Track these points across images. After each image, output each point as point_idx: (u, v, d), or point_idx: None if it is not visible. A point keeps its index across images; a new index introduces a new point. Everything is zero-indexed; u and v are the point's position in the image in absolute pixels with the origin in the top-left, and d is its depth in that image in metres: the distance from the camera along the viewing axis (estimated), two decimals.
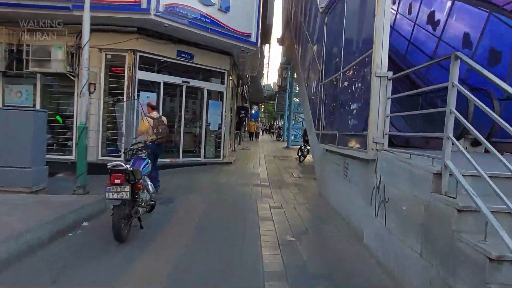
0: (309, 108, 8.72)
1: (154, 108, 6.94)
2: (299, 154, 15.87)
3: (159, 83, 9.92)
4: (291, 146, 21.10)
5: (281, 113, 38.83)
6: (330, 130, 5.87)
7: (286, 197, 6.97)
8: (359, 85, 4.19)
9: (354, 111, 4.37)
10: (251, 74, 17.10)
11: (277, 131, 31.98)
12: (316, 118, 7.12)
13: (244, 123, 25.14)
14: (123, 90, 9.37)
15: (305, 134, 15.74)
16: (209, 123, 11.31)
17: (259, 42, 11.38)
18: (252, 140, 26.56)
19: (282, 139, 29.96)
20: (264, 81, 40.12)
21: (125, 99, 9.18)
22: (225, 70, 11.63)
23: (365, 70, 4.01)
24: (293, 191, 7.65)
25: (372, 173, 3.95)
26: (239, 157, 13.92)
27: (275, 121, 55.25)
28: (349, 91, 4.67)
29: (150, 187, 5.01)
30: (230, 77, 12.82)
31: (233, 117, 16.36)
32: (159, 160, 10.32)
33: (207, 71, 11.18)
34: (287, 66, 27.95)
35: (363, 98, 4.05)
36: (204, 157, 11.32)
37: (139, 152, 4.88)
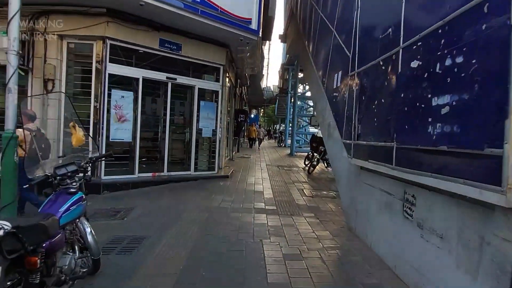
0: (328, 109, 6.77)
1: (32, 118, 5.18)
2: (306, 163, 13.93)
3: (137, 79, 7.96)
4: (295, 153, 19.11)
5: (281, 117, 36.93)
6: (373, 139, 3.90)
7: (303, 233, 4.98)
8: (467, 59, 2.22)
9: (447, 109, 2.39)
10: (251, 73, 15.18)
11: (278, 136, 29.99)
12: (342, 122, 5.15)
13: (244, 128, 23.14)
14: (91, 88, 7.41)
15: (313, 140, 13.82)
16: (201, 129, 9.33)
17: (260, 31, 9.45)
18: (252, 147, 23.37)
19: (284, 145, 28.00)
20: (264, 83, 38.33)
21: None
22: (220, 65, 9.68)
23: (483, 26, 2.06)
24: (310, 221, 5.67)
25: (502, 231, 1.99)
26: (238, 168, 11.92)
27: (275, 125, 53.18)
28: (427, 75, 2.70)
29: (89, 238, 3.02)
30: (227, 75, 10.87)
31: (231, 122, 14.39)
32: (140, 175, 8.46)
33: (198, 66, 9.23)
34: (289, 66, 26.17)
35: (479, 81, 2.10)
36: (195, 170, 9.33)
37: (68, 180, 2.88)
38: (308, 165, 11.60)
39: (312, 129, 28.87)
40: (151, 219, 5.41)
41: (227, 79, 10.98)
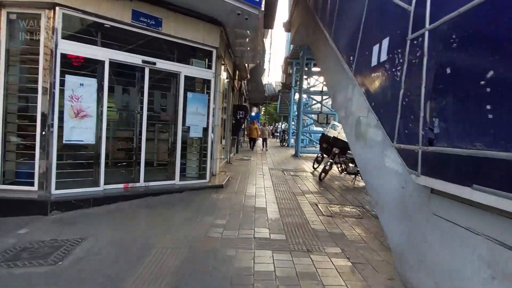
0: (355, 99, 4.91)
1: None
2: (315, 167, 12.08)
3: (103, 62, 6.09)
4: (301, 154, 17.23)
5: (284, 115, 35.05)
6: (483, 145, 2.02)
7: None
8: None
9: None
10: (251, 63, 13.30)
11: (281, 135, 28.11)
12: (393, 115, 3.27)
13: (243, 127, 21.20)
14: (37, 72, 5.56)
15: (323, 140, 11.96)
16: (188, 127, 7.46)
17: (263, 5, 7.56)
18: (253, 149, 19.56)
19: (287, 144, 26.12)
20: (265, 79, 36.43)
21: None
22: (213, 47, 7.80)
23: None
24: (339, 265, 3.81)
25: None
26: (236, 174, 10.05)
27: (276, 123, 51.31)
28: None
29: None
30: (222, 62, 9.00)
31: (229, 119, 12.52)
32: (106, 188, 6.62)
33: (184, 48, 7.36)
34: (292, 60, 24.29)
35: None
36: (181, 178, 7.46)
37: None
38: (320, 171, 9.73)
39: (317, 128, 26.97)
40: (98, 265, 3.55)
41: (222, 67, 9.10)
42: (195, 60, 7.61)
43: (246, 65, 14.33)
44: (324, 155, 12.19)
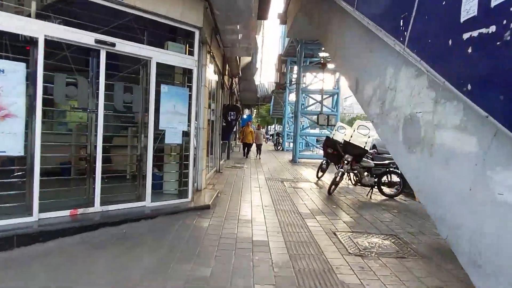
0: (398, 87, 3.23)
1: None
2: (319, 175, 10.40)
3: (35, 40, 4.31)
4: (299, 160, 15.52)
5: (277, 117, 33.42)
6: None
7: None
8: None
9: None
10: (245, 55, 11.58)
11: (275, 138, 26.40)
12: None
13: (235, 130, 19.34)
14: None
15: (328, 144, 10.29)
16: (163, 131, 5.68)
17: None
18: (247, 156, 16.57)
19: (281, 148, 24.44)
20: (257, 80, 34.73)
21: None
22: (196, 27, 6.06)
23: None
24: None
25: None
26: (226, 188, 8.29)
27: (268, 126, 49.57)
28: None
29: None
30: (208, 48, 7.27)
31: (218, 121, 10.77)
32: (43, 217, 4.30)
33: (156, 25, 5.60)
34: (287, 58, 22.70)
35: None
36: (155, 198, 5.68)
37: None
38: (330, 184, 7.98)
39: (313, 131, 25.26)
40: None
41: (208, 57, 7.37)
42: (172, 44, 5.85)
43: (238, 59, 12.60)
44: (330, 162, 10.53)
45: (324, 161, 10.51)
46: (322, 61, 15.39)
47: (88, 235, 4.43)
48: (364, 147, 7.79)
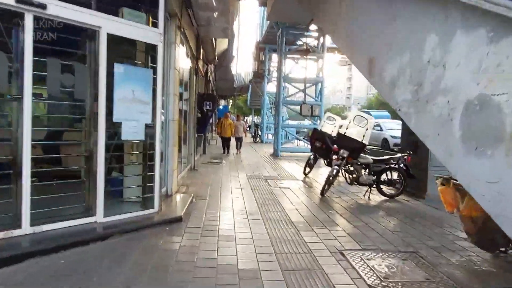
0: (459, 59, 2.12)
1: None
2: (307, 172, 9.41)
3: None
4: (281, 154, 14.46)
5: (255, 107, 32.28)
6: None
7: None
8: None
9: None
10: (222, 37, 10.29)
11: (253, 130, 25.27)
12: None
13: (211, 122, 17.97)
14: None
15: (316, 137, 9.35)
16: (119, 124, 4.37)
17: None
18: (227, 153, 14.29)
19: (260, 140, 23.36)
20: (234, 69, 33.25)
21: None
22: None
23: None
24: None
25: None
26: (202, 190, 7.09)
27: (246, 118, 48.27)
28: None
29: None
30: (179, 23, 5.98)
31: (192, 111, 9.49)
32: None
33: None
34: (265, 45, 21.52)
35: None
36: (110, 210, 4.40)
37: None
38: (323, 184, 6.91)
39: (292, 122, 24.32)
40: None
41: (178, 33, 6.07)
42: (129, 11, 4.52)
43: (214, 42, 11.26)
44: (318, 157, 9.53)
45: (312, 156, 9.49)
46: (305, 47, 14.31)
47: (7, 272, 3.14)
48: (362, 140, 6.79)
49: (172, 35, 5.75)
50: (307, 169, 9.53)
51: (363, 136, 6.83)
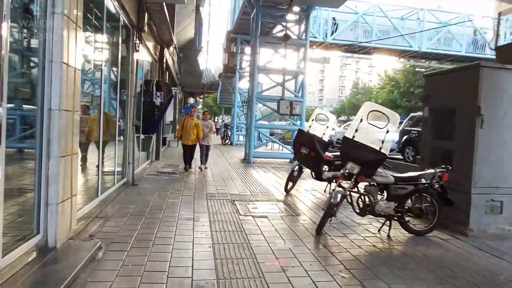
0: None
1: None
2: (289, 188, 7.00)
3: None
4: (254, 160, 11.92)
5: (226, 106, 29.59)
6: None
7: None
8: None
9: None
10: (176, 1, 7.59)
11: (223, 131, 22.59)
12: None
13: (163, 119, 14.77)
14: None
15: (301, 141, 6.99)
16: None
17: None
18: (188, 167, 9.26)
19: (230, 143, 20.74)
20: (202, 65, 30.39)
21: None
22: None
23: None
24: None
25: None
26: (125, 228, 4.42)
27: (216, 118, 45.37)
28: None
29: None
30: None
31: (131, 101, 6.74)
32: None
33: None
34: (237, 36, 19.01)
35: None
36: None
37: None
38: (320, 219, 4.37)
39: (263, 122, 21.38)
40: None
41: None
42: None
43: (169, 20, 8.46)
44: (303, 168, 7.11)
45: (296, 167, 7.03)
46: (284, 33, 11.88)
47: None
48: (380, 148, 4.38)
49: None
50: (289, 184, 7.07)
51: (382, 142, 4.42)
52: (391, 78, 38.51)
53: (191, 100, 37.04)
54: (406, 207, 4.64)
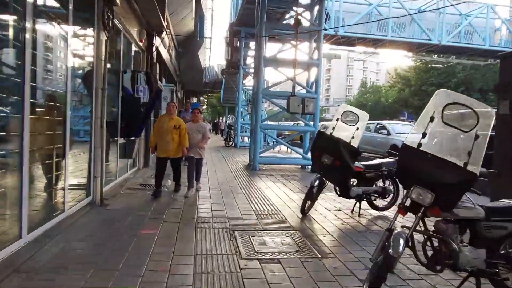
0: None
1: None
2: (306, 208, 5.29)
3: None
4: (260, 167, 10.22)
5: (229, 105, 27.94)
6: None
7: None
8: None
9: None
10: None
11: (226, 132, 20.94)
12: None
13: (149, 120, 12.40)
14: None
15: (321, 147, 5.25)
16: None
17: None
18: (178, 188, 6.48)
19: (233, 144, 19.11)
20: (205, 62, 28.75)
21: None
22: None
23: None
24: None
25: None
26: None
27: (221, 118, 43.71)
28: None
29: None
30: None
31: (99, 95, 5.10)
32: None
33: None
34: (241, 28, 17.34)
35: None
36: None
37: None
38: (374, 280, 2.70)
39: (270, 123, 19.41)
40: None
41: None
42: None
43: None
44: (325, 182, 5.43)
45: (316, 181, 5.32)
46: (295, 17, 10.21)
47: None
48: (466, 164, 2.68)
49: None
50: (307, 202, 5.37)
51: (469, 154, 2.71)
52: (401, 76, 36.55)
53: (194, 100, 35.44)
54: (504, 258, 2.92)
